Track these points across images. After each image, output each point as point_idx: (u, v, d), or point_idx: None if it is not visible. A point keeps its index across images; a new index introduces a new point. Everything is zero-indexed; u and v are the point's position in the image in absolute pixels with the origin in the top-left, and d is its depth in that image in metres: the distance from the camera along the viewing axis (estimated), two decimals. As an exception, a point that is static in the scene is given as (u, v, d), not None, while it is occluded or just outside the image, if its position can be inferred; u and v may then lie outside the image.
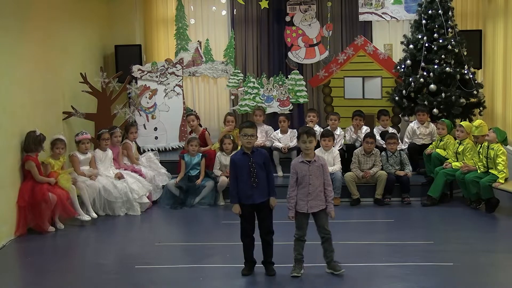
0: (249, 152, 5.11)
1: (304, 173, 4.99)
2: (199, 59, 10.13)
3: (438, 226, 6.85)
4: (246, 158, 5.09)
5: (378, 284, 4.93)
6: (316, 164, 5.02)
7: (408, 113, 8.91)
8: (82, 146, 7.39)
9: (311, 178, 4.98)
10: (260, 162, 5.09)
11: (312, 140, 5.00)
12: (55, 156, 7.03)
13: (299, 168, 5.03)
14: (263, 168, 5.11)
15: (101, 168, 7.56)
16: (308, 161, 5.01)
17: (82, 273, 5.39)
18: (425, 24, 8.63)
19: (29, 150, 6.67)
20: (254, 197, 5.09)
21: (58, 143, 7.06)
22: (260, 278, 5.13)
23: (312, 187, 4.98)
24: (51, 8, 7.72)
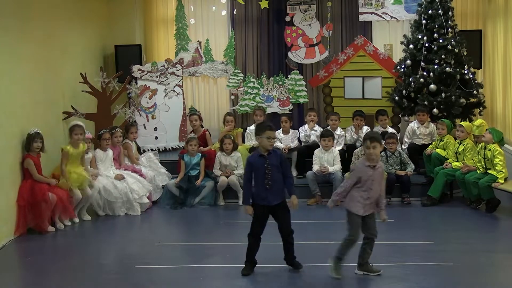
0: (265, 154, 5.08)
1: (367, 177, 4.94)
2: (199, 59, 10.13)
3: (438, 226, 6.85)
4: (262, 160, 5.06)
5: (378, 284, 4.93)
6: (379, 170, 4.98)
7: (408, 113, 8.91)
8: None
9: (373, 183, 4.93)
10: (276, 163, 5.06)
11: (376, 146, 4.93)
12: (75, 143, 7.03)
13: (363, 171, 4.97)
14: (279, 169, 5.07)
15: (102, 168, 7.56)
16: (373, 166, 4.96)
17: (82, 273, 5.39)
18: (425, 24, 8.63)
19: (27, 149, 6.69)
20: (268, 199, 5.06)
21: (76, 129, 7.05)
22: (260, 278, 5.13)
23: (372, 192, 4.94)
24: (51, 8, 7.72)
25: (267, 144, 5.06)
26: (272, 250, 5.87)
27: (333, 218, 6.91)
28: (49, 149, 7.39)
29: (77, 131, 7.07)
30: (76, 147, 7.07)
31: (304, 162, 8.27)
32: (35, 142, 6.73)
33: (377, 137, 5.01)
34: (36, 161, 6.71)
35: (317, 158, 7.91)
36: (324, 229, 6.63)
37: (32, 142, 6.68)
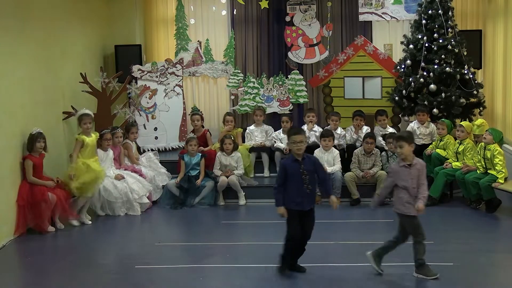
0: (300, 158, 5.03)
1: (406, 177, 4.93)
2: (199, 59, 10.13)
3: (438, 226, 6.84)
4: (297, 166, 5.02)
5: (378, 284, 4.93)
6: (416, 166, 4.95)
7: (408, 113, 8.91)
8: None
9: (413, 182, 4.93)
10: (311, 169, 5.02)
11: (403, 145, 4.91)
12: (86, 133, 7.06)
13: (400, 172, 4.96)
14: (314, 174, 5.04)
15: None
16: (409, 165, 4.94)
17: (82, 273, 5.39)
18: (425, 24, 8.62)
19: (30, 149, 6.69)
20: (303, 204, 5.03)
21: (85, 118, 7.11)
22: (260, 278, 5.13)
23: (414, 191, 4.94)
24: (51, 8, 7.72)
25: (294, 149, 5.04)
26: (273, 250, 5.87)
27: (333, 219, 6.91)
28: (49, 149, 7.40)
29: (85, 120, 7.09)
30: (89, 135, 7.09)
31: (304, 162, 8.25)
32: (38, 142, 6.71)
33: (403, 136, 4.99)
34: (38, 162, 6.70)
35: (317, 158, 7.89)
36: (324, 229, 6.60)
37: (35, 142, 6.66)
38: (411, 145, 4.97)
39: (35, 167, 6.67)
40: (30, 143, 6.69)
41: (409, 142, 4.95)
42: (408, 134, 5.10)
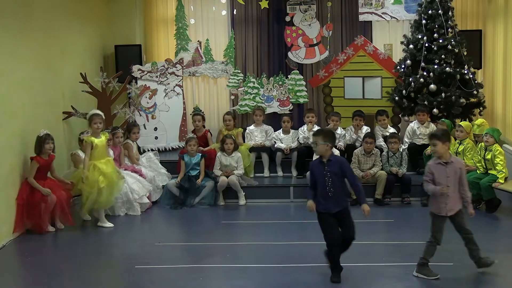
0: (325, 160, 4.94)
1: (441, 175, 4.90)
2: (199, 59, 10.13)
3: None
4: (321, 167, 4.95)
5: (378, 284, 4.94)
6: (454, 165, 4.90)
7: (408, 113, 8.92)
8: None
9: (449, 180, 4.88)
10: (336, 171, 4.89)
11: (436, 143, 4.88)
12: (96, 134, 6.93)
13: (436, 169, 4.94)
14: (339, 177, 4.91)
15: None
16: (445, 163, 4.90)
17: (82, 273, 5.39)
18: (425, 24, 8.63)
19: (38, 151, 6.67)
20: (328, 206, 4.94)
21: (95, 118, 6.89)
22: (260, 278, 5.13)
23: (450, 189, 4.88)
24: (51, 8, 7.72)
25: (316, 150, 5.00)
26: (273, 250, 5.88)
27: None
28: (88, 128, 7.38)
29: (96, 120, 6.86)
30: (98, 137, 6.91)
31: (304, 162, 8.27)
32: (47, 144, 6.70)
33: (436, 135, 4.96)
34: (44, 164, 6.68)
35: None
36: (324, 229, 6.62)
37: (44, 144, 6.65)
38: (446, 143, 4.92)
39: (40, 168, 6.65)
40: (38, 145, 6.67)
41: (443, 141, 4.90)
42: (442, 132, 5.04)
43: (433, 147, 4.95)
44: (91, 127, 6.92)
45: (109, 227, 6.86)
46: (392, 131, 8.47)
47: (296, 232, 6.57)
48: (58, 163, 7.60)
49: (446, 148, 4.93)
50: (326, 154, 4.93)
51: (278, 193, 8.05)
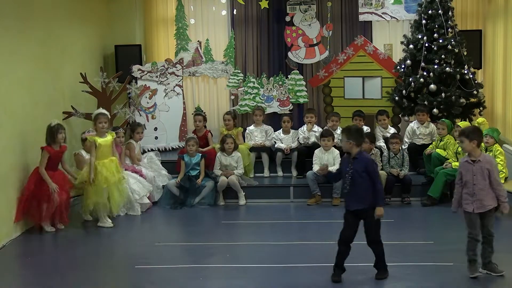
0: (351, 157, 4.97)
1: (468, 173, 4.89)
2: (199, 59, 10.13)
3: (438, 226, 6.85)
4: (346, 163, 4.99)
5: (379, 284, 4.93)
6: (481, 164, 4.87)
7: (408, 113, 8.91)
8: (88, 143, 7.20)
9: (476, 178, 4.86)
10: (359, 170, 4.88)
11: (463, 140, 4.87)
12: (101, 133, 6.85)
13: (464, 166, 4.94)
14: (363, 176, 4.88)
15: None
16: (473, 161, 4.89)
17: (82, 273, 5.39)
18: (425, 24, 8.63)
19: (48, 142, 6.65)
20: (347, 202, 4.99)
21: (100, 117, 6.84)
22: (260, 278, 5.13)
23: (477, 187, 4.85)
24: (51, 8, 7.72)
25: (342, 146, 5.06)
26: (273, 250, 5.88)
27: (333, 218, 6.92)
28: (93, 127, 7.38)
29: (101, 119, 6.81)
30: (103, 136, 6.85)
31: (304, 162, 8.27)
32: (60, 134, 6.66)
33: (465, 132, 4.93)
34: (55, 154, 6.65)
35: (317, 158, 7.91)
36: (325, 229, 6.63)
37: (57, 133, 6.63)
38: (473, 141, 4.88)
39: (52, 159, 6.62)
40: (51, 136, 6.64)
41: (470, 138, 4.86)
42: (471, 129, 4.99)
43: (460, 144, 4.93)
44: (96, 126, 6.88)
45: (109, 226, 6.85)
46: (393, 131, 8.47)
47: (296, 232, 6.57)
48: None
49: (473, 145, 4.88)
50: (352, 151, 4.96)
51: (278, 193, 8.05)
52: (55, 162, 6.72)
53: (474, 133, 4.92)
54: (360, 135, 5.04)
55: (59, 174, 6.78)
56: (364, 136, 5.41)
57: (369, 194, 4.89)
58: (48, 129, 6.67)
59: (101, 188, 6.75)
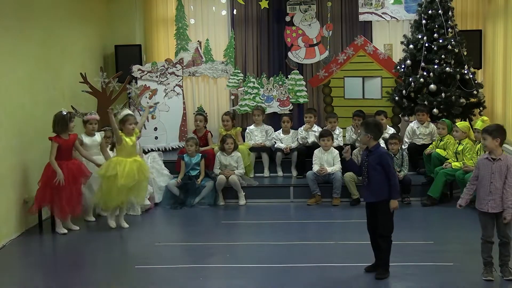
0: (367, 150, 5.08)
1: (486, 171, 4.83)
2: (199, 59, 10.13)
3: (438, 226, 6.85)
4: (364, 156, 5.11)
5: (379, 284, 4.93)
6: (501, 163, 4.80)
7: (408, 113, 8.91)
8: (89, 126, 7.09)
9: (494, 176, 4.79)
10: (373, 163, 4.96)
11: (486, 138, 4.82)
12: (129, 133, 6.73)
13: (482, 164, 4.88)
14: (377, 170, 4.95)
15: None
16: (493, 159, 4.83)
17: (82, 273, 5.39)
18: (425, 24, 8.62)
19: (57, 131, 6.57)
20: (364, 195, 5.17)
21: (130, 119, 6.76)
22: (260, 278, 5.13)
23: (493, 186, 4.79)
24: (51, 8, 7.72)
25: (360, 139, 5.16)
26: (273, 250, 5.88)
27: (333, 218, 6.92)
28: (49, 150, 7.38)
29: (131, 120, 6.74)
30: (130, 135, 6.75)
31: (304, 162, 8.27)
32: (71, 122, 6.64)
33: (488, 130, 4.87)
34: (66, 144, 6.56)
35: (317, 158, 7.91)
36: (325, 229, 6.64)
37: (69, 122, 6.60)
38: (496, 139, 4.82)
39: (63, 148, 6.53)
40: (62, 124, 6.55)
41: (493, 136, 4.81)
42: (494, 127, 4.93)
43: (483, 141, 4.89)
44: (124, 127, 6.73)
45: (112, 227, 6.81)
46: (392, 131, 8.46)
47: (296, 232, 6.57)
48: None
49: (496, 143, 4.82)
50: (369, 144, 5.03)
51: (278, 193, 8.05)
52: (67, 151, 6.61)
53: (497, 131, 4.86)
54: (378, 130, 5.10)
55: (73, 163, 6.68)
56: (382, 131, 5.47)
57: (383, 188, 4.94)
58: (59, 118, 6.58)
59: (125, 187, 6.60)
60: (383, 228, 4.98)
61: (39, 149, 7.16)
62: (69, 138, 6.64)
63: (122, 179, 6.53)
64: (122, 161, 6.63)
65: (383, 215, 4.96)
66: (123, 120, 6.77)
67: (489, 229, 4.87)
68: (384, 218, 4.96)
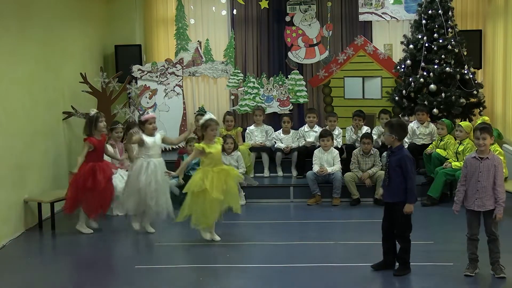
0: (390, 150, 5.11)
1: (474, 170, 4.87)
2: (199, 59, 10.13)
3: (438, 226, 6.85)
4: (387, 156, 5.17)
5: (379, 284, 4.93)
6: (488, 162, 4.85)
7: (408, 113, 8.91)
8: (149, 126, 6.58)
9: (481, 175, 4.83)
10: (394, 164, 4.99)
11: (486, 137, 4.85)
12: (211, 141, 6.09)
13: (470, 163, 4.92)
14: (396, 171, 4.97)
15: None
16: (481, 158, 4.87)
17: (82, 273, 5.39)
18: (425, 24, 8.62)
19: (88, 133, 6.53)
20: (384, 195, 5.15)
21: (212, 124, 6.06)
22: (260, 278, 5.13)
23: (480, 184, 4.83)
24: (51, 8, 7.72)
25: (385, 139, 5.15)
26: (272, 250, 5.88)
27: (333, 218, 6.92)
28: (49, 150, 7.41)
29: (213, 126, 6.04)
30: (212, 143, 6.06)
31: (304, 162, 8.27)
32: (101, 122, 6.53)
33: (488, 129, 4.91)
34: (99, 144, 6.56)
35: (317, 158, 7.91)
36: (324, 229, 6.63)
37: (98, 122, 6.52)
38: (492, 137, 4.91)
39: (97, 150, 6.53)
40: (93, 124, 6.50)
41: (491, 135, 4.89)
42: (490, 126, 5.01)
43: (482, 141, 4.88)
44: (207, 133, 6.05)
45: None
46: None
47: (296, 232, 6.56)
48: (58, 162, 7.63)
49: (491, 142, 4.92)
50: (393, 145, 5.05)
51: (278, 193, 8.05)
52: (100, 152, 6.61)
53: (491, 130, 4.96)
54: (402, 130, 5.11)
55: (106, 164, 6.73)
56: (407, 131, 5.51)
57: (400, 190, 4.97)
58: (89, 119, 6.56)
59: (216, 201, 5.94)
60: (400, 228, 5.03)
61: (39, 149, 7.17)
62: (101, 138, 6.66)
63: (213, 192, 5.88)
64: (208, 173, 5.95)
65: (400, 216, 5.00)
66: (204, 125, 6.08)
67: (474, 227, 4.94)
68: (402, 219, 5.00)
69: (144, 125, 6.58)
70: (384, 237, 5.16)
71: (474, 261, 4.97)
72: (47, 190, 7.23)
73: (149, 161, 6.46)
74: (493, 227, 4.90)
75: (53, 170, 7.51)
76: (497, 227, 4.93)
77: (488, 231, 4.92)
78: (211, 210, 5.95)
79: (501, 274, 4.88)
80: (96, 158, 6.53)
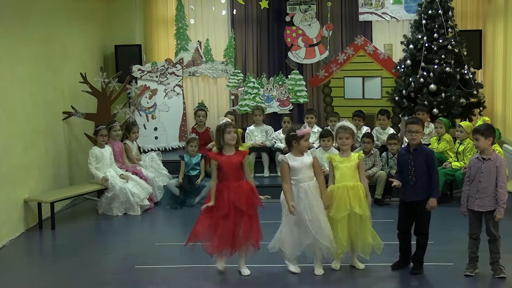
0: (411, 149, 5.07)
1: (476, 170, 4.90)
2: (199, 59, 10.13)
3: (438, 226, 6.83)
4: (407, 155, 5.08)
5: (379, 284, 4.93)
6: (490, 163, 4.86)
7: (408, 113, 8.90)
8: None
9: (482, 175, 4.86)
10: (421, 161, 4.99)
11: (478, 138, 4.87)
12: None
13: (473, 163, 4.94)
14: (424, 168, 4.99)
15: (100, 167, 7.51)
16: (483, 159, 4.89)
17: (82, 273, 5.39)
18: (425, 24, 8.63)
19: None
20: (406, 194, 5.09)
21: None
22: (260, 278, 5.13)
23: (481, 185, 4.85)
24: (51, 8, 7.72)
25: (409, 138, 5.08)
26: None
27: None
28: (49, 150, 7.41)
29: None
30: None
31: (304, 162, 8.25)
32: (229, 133, 5.28)
33: (480, 129, 4.92)
34: None
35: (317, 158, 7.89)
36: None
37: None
38: (489, 138, 4.89)
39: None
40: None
41: (485, 136, 4.87)
42: (485, 127, 4.99)
43: (475, 142, 4.92)
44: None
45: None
46: (392, 131, 8.46)
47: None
48: (58, 162, 7.63)
49: (488, 143, 4.89)
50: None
51: (278, 193, 8.01)
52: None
53: (489, 131, 4.94)
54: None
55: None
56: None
57: (425, 186, 4.99)
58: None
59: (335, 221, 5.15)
60: (423, 226, 5.06)
61: (39, 149, 7.17)
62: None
63: (332, 209, 5.15)
64: (338, 189, 5.21)
65: (424, 213, 5.03)
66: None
67: (474, 226, 4.95)
68: (426, 216, 5.04)
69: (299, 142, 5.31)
70: (402, 237, 5.17)
71: (473, 261, 4.97)
72: (47, 190, 7.24)
73: None
74: (492, 228, 4.89)
75: (53, 170, 7.52)
76: (497, 228, 4.92)
77: (489, 231, 4.92)
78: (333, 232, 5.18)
79: (501, 274, 4.88)
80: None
